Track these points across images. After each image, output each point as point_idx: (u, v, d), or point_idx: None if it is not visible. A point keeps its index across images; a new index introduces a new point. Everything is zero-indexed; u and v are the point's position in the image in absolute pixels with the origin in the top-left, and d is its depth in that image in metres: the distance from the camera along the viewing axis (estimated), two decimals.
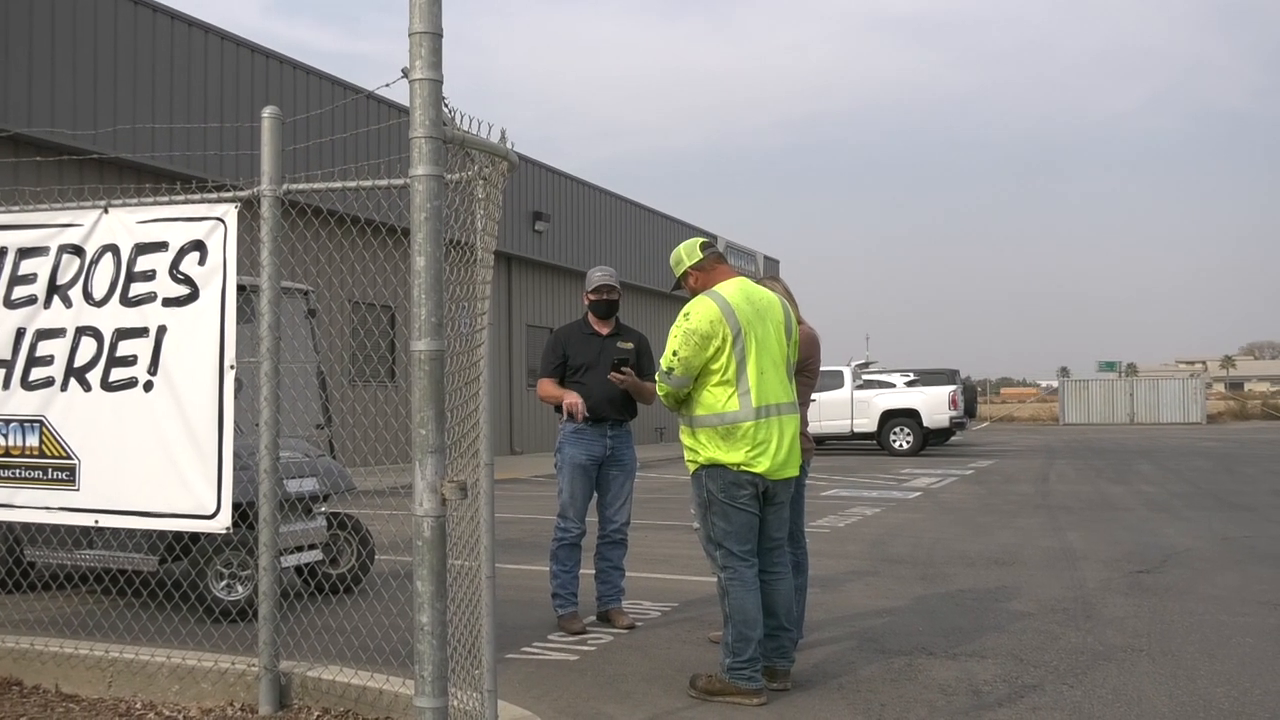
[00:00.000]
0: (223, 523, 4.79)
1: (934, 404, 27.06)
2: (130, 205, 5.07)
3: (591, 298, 6.73)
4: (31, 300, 5.17)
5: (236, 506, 4.89)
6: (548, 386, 6.83)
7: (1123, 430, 46.22)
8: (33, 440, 5.13)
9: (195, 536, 6.85)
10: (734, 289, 5.28)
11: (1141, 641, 6.38)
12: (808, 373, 6.02)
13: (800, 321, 5.73)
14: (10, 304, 5.21)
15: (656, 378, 5.36)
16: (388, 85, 3.71)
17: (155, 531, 6.71)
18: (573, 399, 6.59)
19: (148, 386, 4.91)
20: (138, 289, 4.96)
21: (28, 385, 5.14)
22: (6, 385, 5.18)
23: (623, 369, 6.57)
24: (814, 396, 6.27)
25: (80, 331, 5.06)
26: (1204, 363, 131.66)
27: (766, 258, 40.61)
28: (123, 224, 5.03)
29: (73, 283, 5.09)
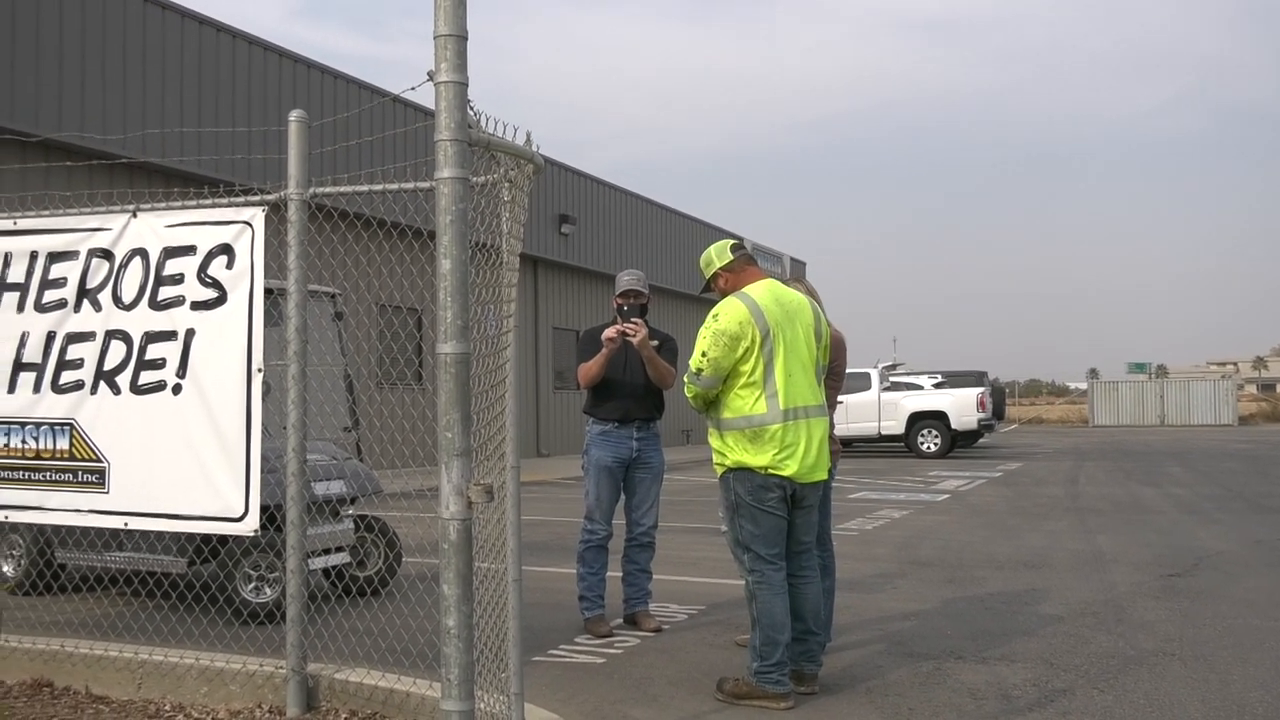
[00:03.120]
0: (251, 525, 4.81)
1: (962, 406, 26.90)
2: (159, 209, 5.10)
3: (619, 301, 6.71)
4: (62, 304, 5.21)
5: (265, 509, 4.91)
6: (590, 365, 6.70)
7: (1153, 432, 45.85)
8: (63, 443, 5.17)
9: (224, 539, 6.88)
10: (763, 290, 5.26)
11: (1173, 646, 6.31)
12: (834, 375, 5.98)
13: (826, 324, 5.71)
14: (41, 308, 5.25)
15: (685, 379, 5.34)
16: (413, 89, 3.71)
17: (184, 534, 6.75)
18: (612, 331, 6.50)
19: (176, 389, 4.93)
20: (166, 292, 4.99)
21: (58, 388, 5.18)
22: (37, 389, 5.22)
23: (633, 320, 6.48)
24: (841, 398, 6.24)
25: (109, 335, 5.09)
26: (1235, 364, 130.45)
27: (793, 259, 40.52)
28: (151, 228, 5.06)
29: (102, 286, 5.13)
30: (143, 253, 5.06)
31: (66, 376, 5.17)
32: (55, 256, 5.25)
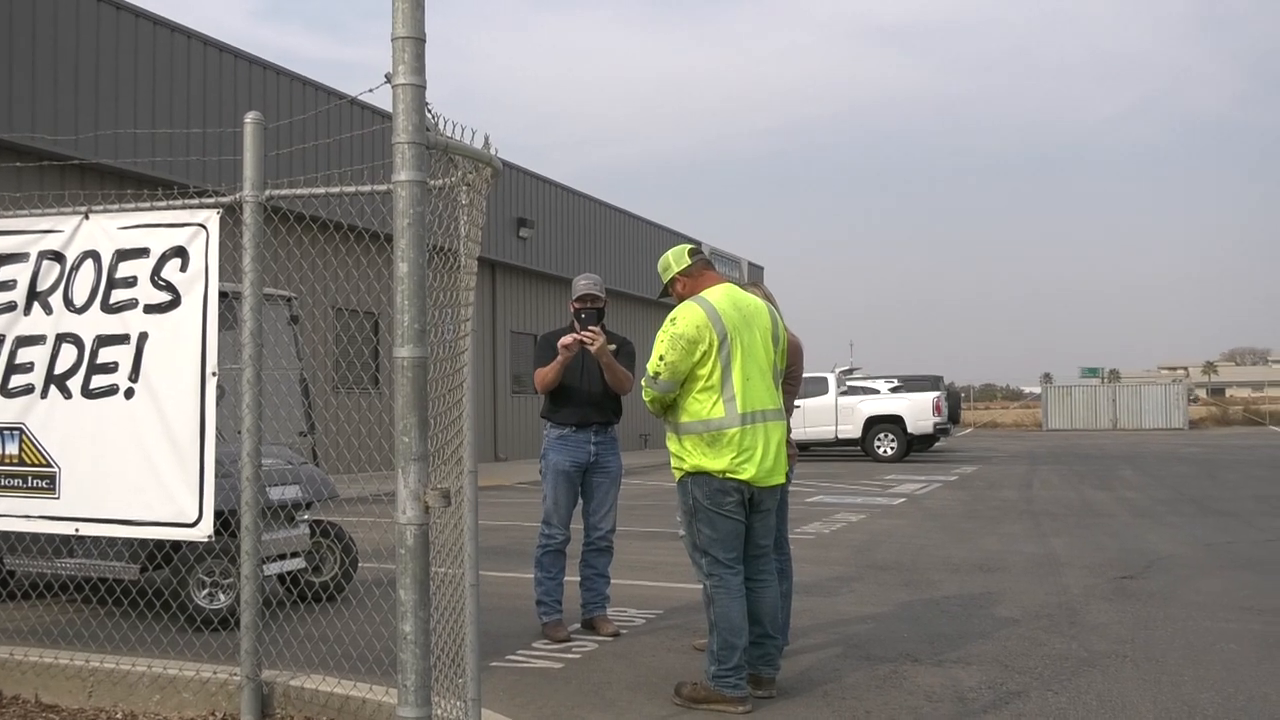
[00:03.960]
0: (204, 531, 4.76)
1: (918, 410, 27.11)
2: (111, 211, 5.03)
3: (576, 305, 6.71)
4: (11, 307, 5.13)
5: (219, 514, 4.86)
6: (545, 371, 6.73)
7: (1106, 436, 46.39)
8: (12, 448, 5.09)
9: (177, 545, 6.81)
10: (721, 295, 5.28)
11: (1126, 648, 6.39)
12: (791, 380, 6.00)
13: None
14: None
15: (643, 383, 5.34)
16: (370, 90, 3.69)
17: (136, 540, 6.67)
18: (569, 338, 6.51)
19: (129, 394, 4.87)
20: (119, 295, 4.93)
21: (7, 392, 5.10)
22: None
23: (590, 328, 6.48)
24: (798, 403, 6.27)
25: (61, 338, 5.01)
26: (1186, 369, 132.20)
27: (751, 264, 40.65)
28: (104, 230, 4.99)
29: (53, 289, 5.05)
30: (95, 255, 4.99)
31: (16, 380, 5.09)
32: (4, 258, 5.17)
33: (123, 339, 4.90)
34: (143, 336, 4.87)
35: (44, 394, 5.03)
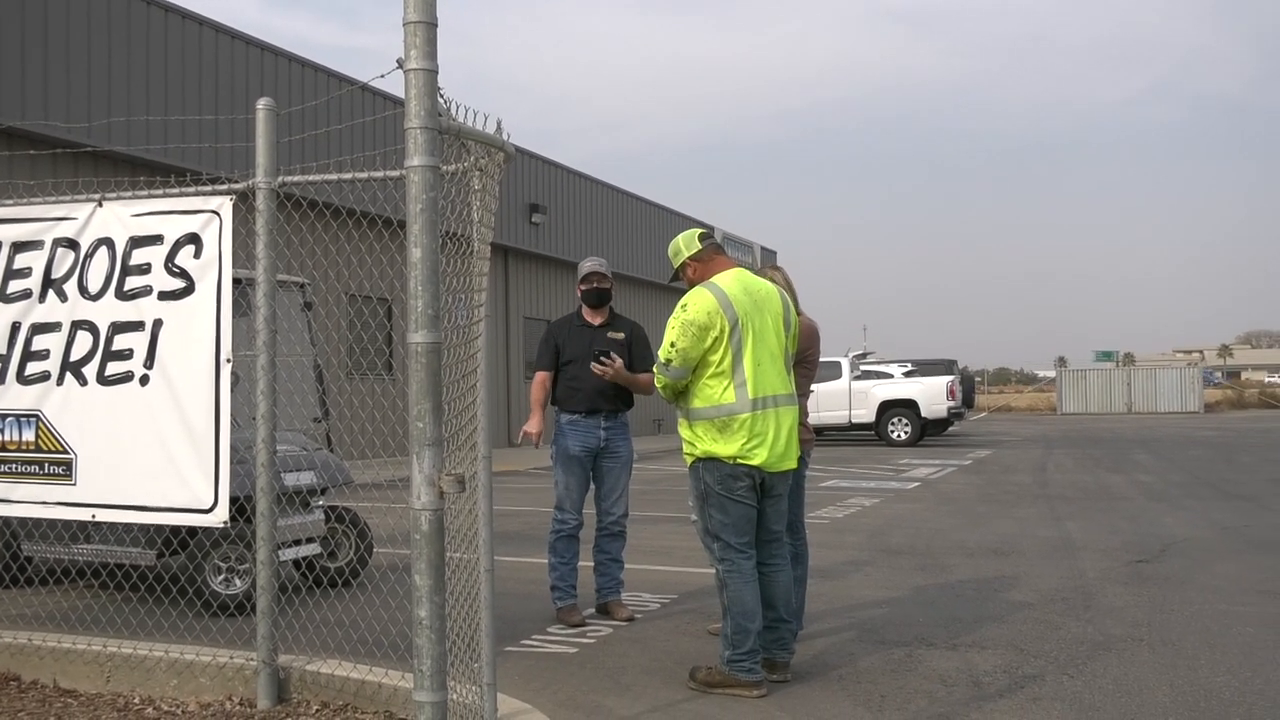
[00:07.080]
0: (220, 516, 4.78)
1: (932, 394, 27.05)
2: (125, 199, 5.05)
3: (583, 288, 6.73)
4: (27, 294, 5.15)
5: (234, 500, 4.87)
6: (536, 389, 6.95)
7: (1120, 420, 46.22)
8: (29, 435, 5.11)
9: (193, 530, 6.84)
10: (732, 280, 5.26)
11: (1141, 631, 6.37)
12: (806, 364, 6.00)
13: (799, 313, 5.71)
14: (5, 298, 5.19)
15: (655, 369, 5.34)
16: (382, 76, 3.68)
17: (153, 526, 6.70)
18: (528, 428, 6.74)
19: (144, 380, 4.89)
20: (133, 282, 4.94)
21: (24, 380, 5.12)
22: (2, 380, 5.16)
23: (603, 359, 6.53)
24: (812, 387, 6.26)
25: (76, 325, 5.04)
26: (1201, 352, 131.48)
27: (764, 249, 40.57)
28: (117, 217, 5.01)
29: (68, 276, 5.07)
30: (109, 242, 5.01)
31: (32, 368, 5.12)
32: (19, 246, 5.19)
33: (137, 326, 4.92)
34: (157, 323, 4.89)
35: (60, 381, 5.06)
